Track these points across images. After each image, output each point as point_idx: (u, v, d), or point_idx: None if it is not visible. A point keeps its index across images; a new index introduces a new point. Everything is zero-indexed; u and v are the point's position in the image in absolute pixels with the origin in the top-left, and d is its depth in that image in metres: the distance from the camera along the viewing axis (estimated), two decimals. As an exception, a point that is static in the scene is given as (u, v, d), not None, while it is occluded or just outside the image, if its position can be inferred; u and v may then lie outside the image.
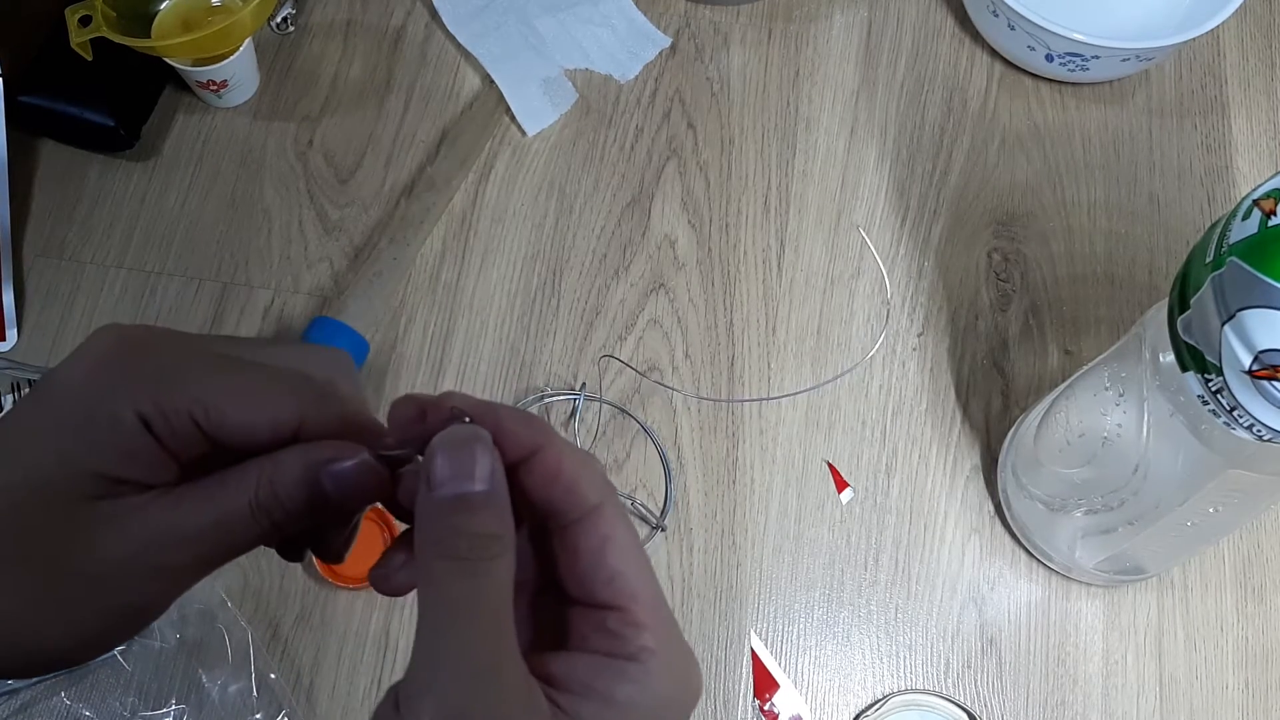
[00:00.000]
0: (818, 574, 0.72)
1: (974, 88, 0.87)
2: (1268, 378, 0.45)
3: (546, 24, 0.88)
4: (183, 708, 0.66)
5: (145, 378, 0.31)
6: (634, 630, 0.30)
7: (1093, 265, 0.81)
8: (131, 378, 0.31)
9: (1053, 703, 0.69)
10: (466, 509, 0.29)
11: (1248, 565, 0.72)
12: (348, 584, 0.69)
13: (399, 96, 0.86)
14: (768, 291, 0.79)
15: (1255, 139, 0.86)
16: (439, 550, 0.28)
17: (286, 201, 0.82)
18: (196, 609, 0.68)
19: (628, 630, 0.30)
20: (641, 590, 0.31)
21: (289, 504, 0.31)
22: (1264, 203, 0.46)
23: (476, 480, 0.29)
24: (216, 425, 0.31)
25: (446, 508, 0.29)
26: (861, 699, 0.69)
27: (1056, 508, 0.67)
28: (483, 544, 0.28)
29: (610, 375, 0.76)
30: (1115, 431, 0.61)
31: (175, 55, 0.79)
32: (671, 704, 0.31)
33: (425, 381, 0.76)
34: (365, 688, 0.68)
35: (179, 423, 0.31)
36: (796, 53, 0.88)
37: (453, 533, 0.28)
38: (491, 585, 0.28)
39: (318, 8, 0.89)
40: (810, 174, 0.83)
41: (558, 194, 0.82)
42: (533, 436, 0.31)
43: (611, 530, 0.31)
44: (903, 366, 0.77)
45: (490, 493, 0.29)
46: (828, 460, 0.75)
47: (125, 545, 0.30)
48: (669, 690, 0.31)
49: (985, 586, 0.72)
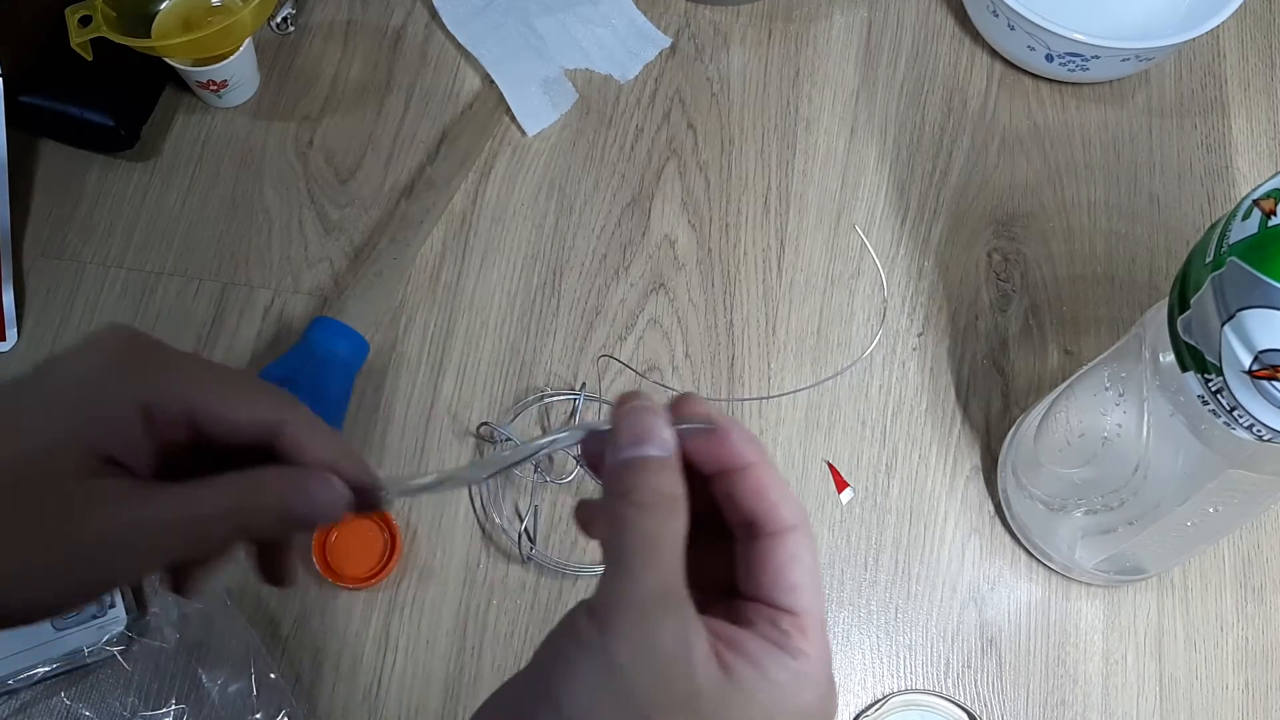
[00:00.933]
0: (818, 574, 0.72)
1: (974, 88, 0.87)
2: (1268, 378, 0.45)
3: (546, 24, 0.88)
4: (183, 708, 0.66)
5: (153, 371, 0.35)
6: (800, 634, 0.33)
7: (1093, 265, 0.81)
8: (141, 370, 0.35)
9: (1053, 702, 0.69)
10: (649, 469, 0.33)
11: (1248, 565, 0.72)
12: (348, 584, 0.69)
13: (399, 96, 0.86)
14: (767, 291, 0.79)
15: (1255, 139, 0.86)
16: (631, 499, 0.32)
17: (287, 201, 0.82)
18: (197, 609, 0.68)
19: (795, 632, 0.33)
20: (814, 609, 0.34)
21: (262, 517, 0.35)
22: (1264, 203, 0.46)
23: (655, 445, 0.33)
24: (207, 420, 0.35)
25: (633, 466, 0.33)
26: (861, 699, 0.69)
27: (1056, 508, 0.67)
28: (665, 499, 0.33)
29: (610, 375, 0.76)
30: (1115, 431, 0.61)
31: (175, 55, 0.79)
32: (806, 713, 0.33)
33: (425, 381, 0.76)
34: (365, 687, 0.68)
35: (176, 414, 0.35)
36: (796, 53, 0.88)
37: (641, 486, 0.33)
38: (669, 529, 0.32)
39: (318, 8, 0.89)
40: (810, 174, 0.84)
41: (558, 194, 0.82)
42: (754, 452, 0.35)
43: (801, 552, 0.34)
44: (903, 366, 0.77)
45: (668, 458, 0.33)
46: (828, 460, 0.75)
47: (110, 523, 0.33)
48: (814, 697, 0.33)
49: (985, 586, 0.72)
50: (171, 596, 0.68)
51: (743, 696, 0.32)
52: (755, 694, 0.32)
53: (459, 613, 0.70)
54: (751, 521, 0.35)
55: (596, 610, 0.32)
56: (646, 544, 0.32)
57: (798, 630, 0.33)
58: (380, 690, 0.68)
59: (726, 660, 0.32)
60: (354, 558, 0.70)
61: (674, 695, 0.31)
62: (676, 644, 0.31)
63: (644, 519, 0.32)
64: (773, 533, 0.34)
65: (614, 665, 0.31)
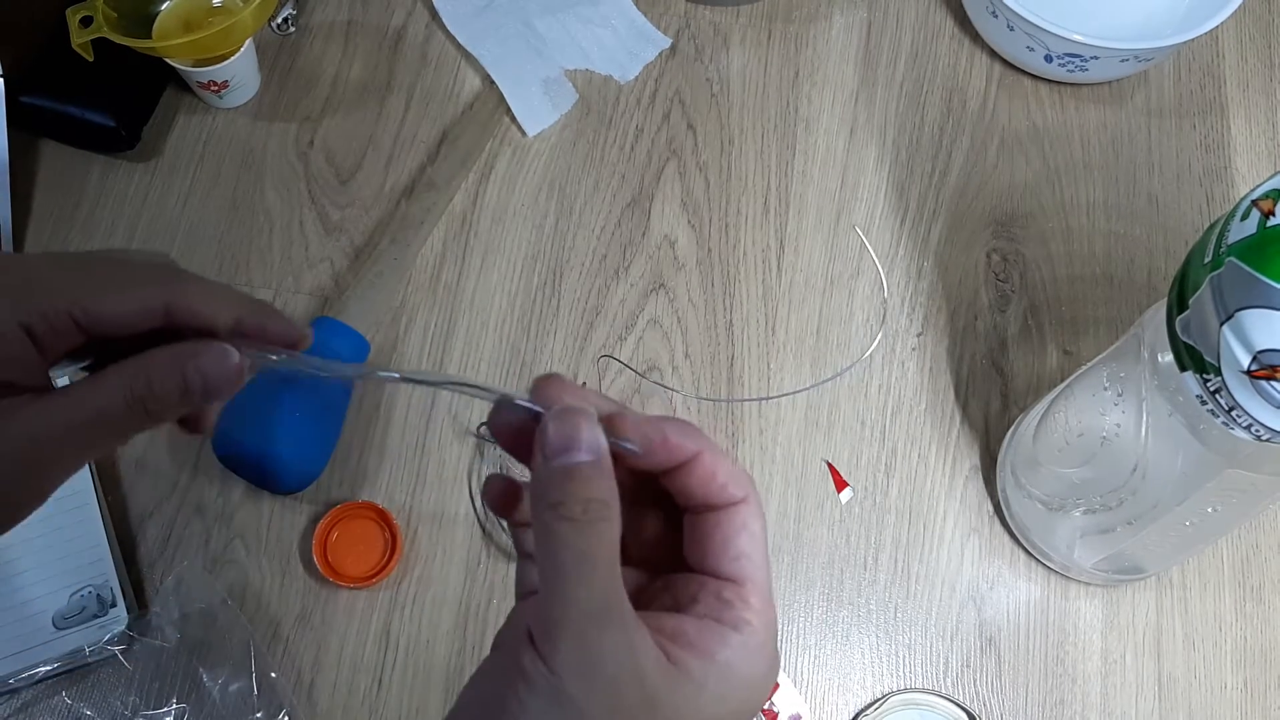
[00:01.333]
0: (817, 573, 0.72)
1: (973, 88, 0.87)
2: (1266, 378, 0.45)
3: (547, 24, 0.88)
4: (183, 707, 0.66)
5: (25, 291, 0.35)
6: (743, 604, 0.34)
7: (1092, 265, 0.81)
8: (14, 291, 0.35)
9: (1052, 702, 0.69)
10: (582, 477, 0.32)
11: (1246, 565, 0.72)
12: (348, 584, 0.69)
13: (399, 97, 0.86)
14: (767, 291, 0.80)
15: (1254, 139, 0.86)
16: (562, 512, 0.32)
17: (287, 202, 0.82)
18: (198, 608, 0.68)
19: (739, 602, 0.34)
20: (758, 576, 0.35)
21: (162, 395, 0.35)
22: (1262, 203, 0.46)
23: (584, 450, 0.33)
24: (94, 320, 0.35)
25: (563, 475, 0.32)
26: (861, 698, 0.69)
27: (1055, 507, 0.67)
28: (597, 508, 0.32)
29: (610, 375, 0.76)
30: (1114, 431, 0.61)
31: (176, 56, 0.79)
32: (754, 684, 0.34)
33: (426, 381, 0.76)
34: (366, 687, 0.68)
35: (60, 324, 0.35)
36: (796, 53, 0.88)
37: (572, 498, 0.32)
38: (603, 542, 0.32)
39: (318, 8, 0.89)
40: (810, 174, 0.84)
41: (558, 194, 0.83)
42: (695, 444, 0.35)
43: (749, 522, 0.35)
44: (902, 366, 0.78)
45: (597, 463, 0.33)
46: (827, 460, 0.75)
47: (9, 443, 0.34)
48: (757, 669, 0.34)
49: (984, 586, 0.72)
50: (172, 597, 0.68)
51: (694, 687, 0.32)
52: (706, 681, 0.32)
53: (459, 613, 0.70)
54: (706, 504, 0.35)
55: (537, 639, 0.32)
56: (580, 560, 0.31)
57: (740, 600, 0.34)
58: (380, 690, 0.68)
59: (675, 656, 0.32)
60: (354, 557, 0.70)
61: (629, 707, 0.31)
62: (622, 658, 0.31)
63: (576, 534, 0.32)
64: (723, 506, 0.35)
65: (565, 697, 0.31)
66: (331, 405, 0.72)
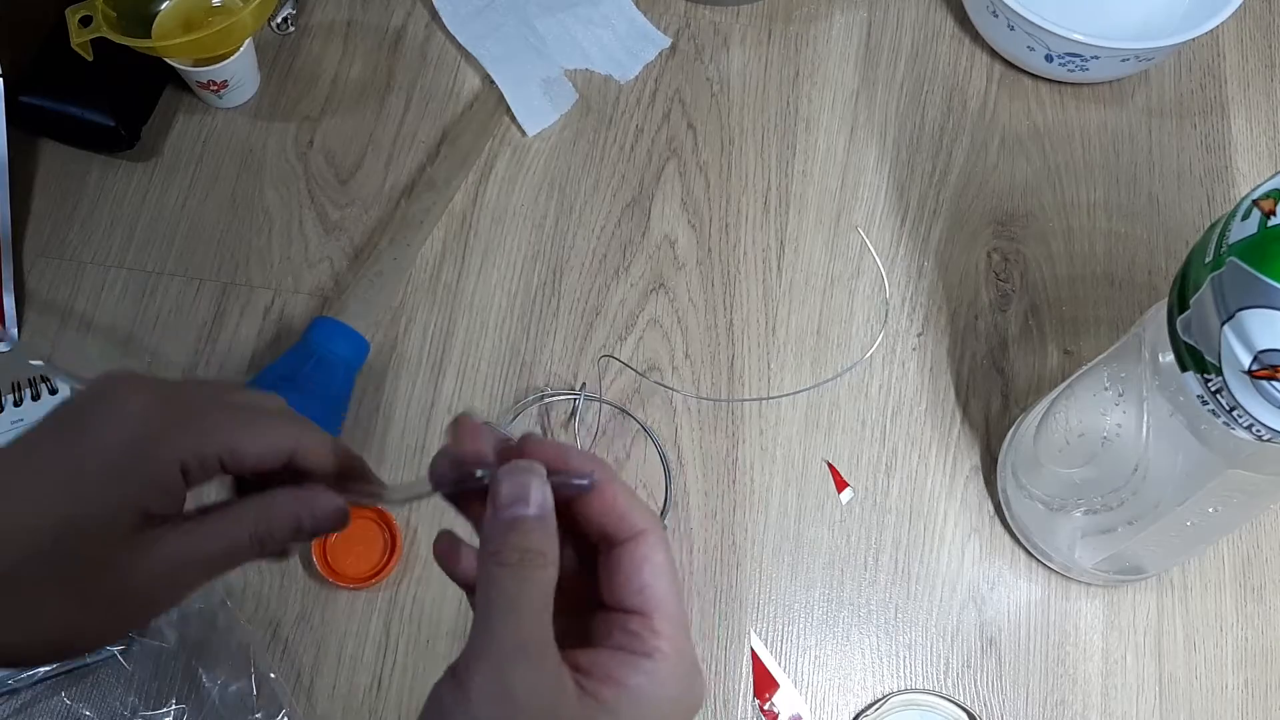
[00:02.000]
0: (817, 574, 0.72)
1: (973, 88, 0.87)
2: (1267, 378, 0.45)
3: (546, 24, 0.88)
4: (183, 707, 0.66)
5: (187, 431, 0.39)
6: (651, 634, 0.36)
7: (1092, 265, 0.81)
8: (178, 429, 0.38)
9: (1052, 702, 0.69)
10: (523, 529, 0.35)
11: (1247, 565, 0.72)
12: (348, 584, 0.69)
13: (399, 97, 0.86)
14: (767, 291, 0.79)
15: (1255, 139, 0.86)
16: (498, 559, 0.35)
17: (287, 202, 0.82)
18: (197, 609, 0.68)
19: (646, 632, 0.36)
20: (664, 604, 0.37)
21: (280, 535, 0.40)
22: (1263, 203, 0.46)
23: (531, 506, 0.36)
24: (238, 461, 0.39)
25: (506, 526, 0.35)
26: (861, 699, 0.69)
27: (1056, 508, 0.67)
28: (532, 557, 0.35)
29: (610, 375, 0.76)
30: (1115, 431, 0.61)
31: (176, 55, 0.79)
32: (676, 703, 0.36)
33: (425, 381, 0.76)
34: (365, 687, 0.68)
35: (210, 465, 0.39)
36: (796, 53, 0.88)
37: (510, 547, 0.35)
38: (537, 588, 0.35)
39: (318, 8, 0.89)
40: (810, 174, 0.84)
41: (558, 194, 0.82)
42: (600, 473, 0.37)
43: (651, 553, 0.37)
44: (902, 366, 0.78)
45: (541, 517, 0.36)
46: (827, 460, 0.75)
47: (155, 567, 0.38)
48: (674, 689, 0.36)
49: (985, 586, 0.72)
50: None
51: (608, 714, 0.34)
52: (619, 708, 0.34)
53: (459, 613, 0.70)
54: (606, 534, 0.37)
55: (458, 671, 0.34)
56: (507, 601, 0.34)
57: (649, 630, 0.36)
58: (380, 690, 0.68)
59: (589, 688, 0.34)
60: (354, 558, 0.70)
61: None
62: (536, 688, 0.33)
63: (509, 578, 0.34)
64: (625, 540, 0.37)
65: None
66: (332, 406, 0.72)
